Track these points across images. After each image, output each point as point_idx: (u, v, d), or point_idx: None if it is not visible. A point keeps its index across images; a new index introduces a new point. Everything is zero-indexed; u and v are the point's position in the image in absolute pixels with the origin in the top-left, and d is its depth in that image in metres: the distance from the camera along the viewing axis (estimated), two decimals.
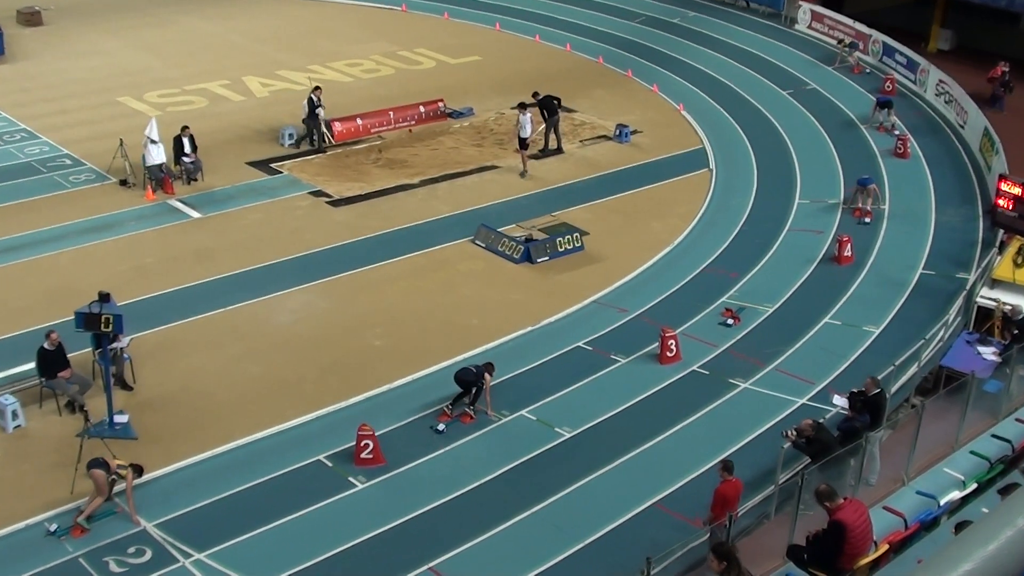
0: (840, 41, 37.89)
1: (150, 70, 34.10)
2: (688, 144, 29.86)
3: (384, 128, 29.62)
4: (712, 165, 28.25)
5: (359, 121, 28.75)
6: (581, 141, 29.65)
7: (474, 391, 17.34)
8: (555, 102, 28.50)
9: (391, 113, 29.90)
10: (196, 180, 25.82)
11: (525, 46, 38.26)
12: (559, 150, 28.51)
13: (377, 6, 42.34)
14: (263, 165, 27.16)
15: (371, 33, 39.06)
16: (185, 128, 26.11)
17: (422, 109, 30.46)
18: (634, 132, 30.17)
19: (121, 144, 25.60)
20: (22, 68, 34.16)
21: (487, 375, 17.36)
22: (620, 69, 35.72)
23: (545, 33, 39.09)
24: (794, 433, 15.15)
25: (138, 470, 15.08)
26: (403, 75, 34.73)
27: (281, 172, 26.84)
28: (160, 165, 25.18)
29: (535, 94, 28.74)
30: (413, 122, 30.19)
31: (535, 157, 28.08)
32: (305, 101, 28.40)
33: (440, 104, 30.96)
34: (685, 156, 29.04)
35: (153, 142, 24.97)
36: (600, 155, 28.84)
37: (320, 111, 27.90)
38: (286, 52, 36.38)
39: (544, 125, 28.52)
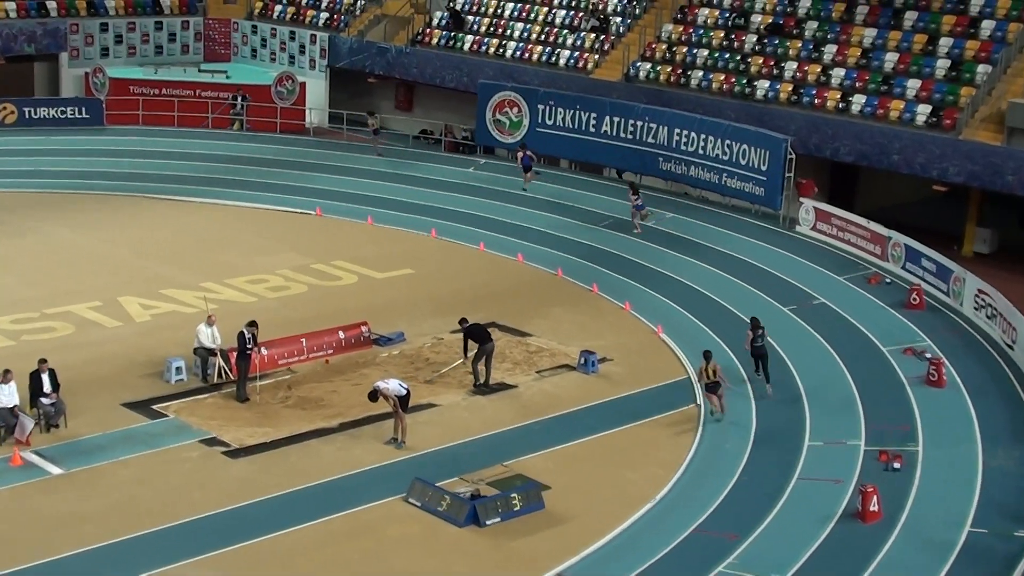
0: (632, 189, 41.61)
1: (0, 289, 34.69)
2: (669, 374, 30.60)
3: (295, 359, 30.15)
4: (699, 400, 28.90)
5: (263, 351, 29.28)
6: (538, 372, 30.35)
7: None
8: (487, 332, 29.32)
9: (303, 340, 30.48)
10: (57, 426, 26.03)
11: (467, 256, 39.40)
12: (487, 384, 29.16)
13: (285, 210, 43.58)
14: (143, 407, 27.48)
15: (278, 243, 40.11)
16: (43, 362, 26.51)
17: (342, 335, 31.10)
18: (603, 360, 30.95)
19: None
20: None
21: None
22: (584, 283, 36.84)
23: (492, 240, 40.39)
24: None
25: None
26: (318, 293, 35.53)
27: (165, 415, 27.15)
28: (12, 408, 25.42)
29: (462, 321, 29.55)
30: (331, 351, 30.74)
31: (482, 392, 28.69)
32: (205, 328, 28.96)
33: (364, 328, 31.64)
34: (666, 389, 29.73)
35: (2, 382, 25.33)
36: (562, 389, 29.48)
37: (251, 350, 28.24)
38: (173, 266, 37.19)
39: (472, 354, 29.16)
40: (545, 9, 52.30)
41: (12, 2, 55.38)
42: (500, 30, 52.73)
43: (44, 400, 26.07)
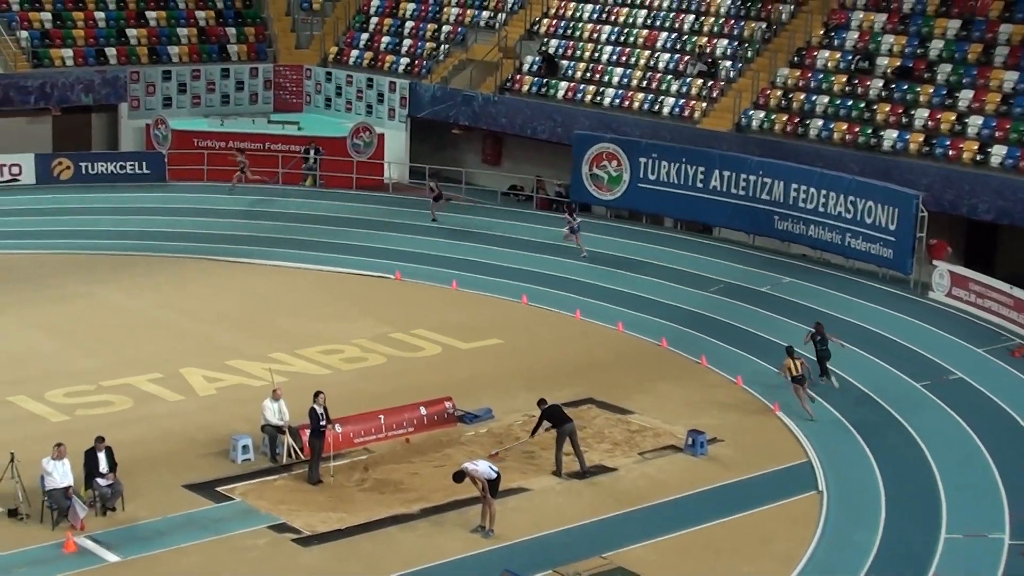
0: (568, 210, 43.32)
1: (52, 360, 35.28)
2: (787, 457, 30.45)
3: (372, 438, 30.38)
4: (822, 486, 28.71)
5: (338, 428, 29.52)
6: (640, 454, 30.33)
7: None
8: (567, 412, 29.32)
9: (381, 417, 30.72)
10: (113, 509, 26.39)
11: (562, 324, 39.57)
12: (582, 472, 29.12)
13: (362, 273, 44.05)
14: (206, 489, 27.78)
15: (354, 309, 40.52)
16: (100, 440, 26.89)
17: (423, 411, 31.32)
18: (712, 441, 30.87)
19: (12, 460, 26.29)
20: None
21: None
22: (691, 355, 36.83)
23: (589, 307, 40.53)
24: None
25: None
26: (398, 365, 35.82)
27: (231, 498, 27.44)
28: (66, 489, 25.85)
29: (541, 401, 29.62)
30: (411, 429, 30.96)
31: (577, 476, 28.73)
32: (271, 404, 29.36)
33: (448, 405, 31.85)
34: (783, 474, 29.59)
35: (55, 459, 25.79)
36: (666, 473, 29.41)
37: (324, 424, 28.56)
38: (239, 335, 37.71)
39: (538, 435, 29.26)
40: (647, 52, 52.63)
41: (69, 49, 56.78)
42: (597, 76, 53.15)
43: (100, 481, 26.44)
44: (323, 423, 28.51)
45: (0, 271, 43.08)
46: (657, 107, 50.77)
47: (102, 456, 26.64)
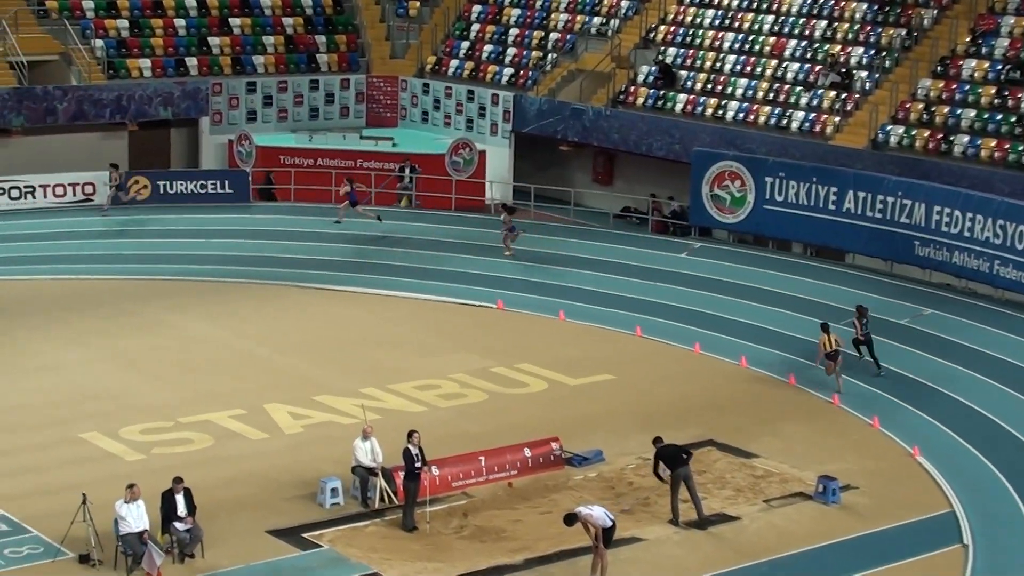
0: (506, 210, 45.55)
1: (129, 394, 35.78)
2: (928, 507, 30.15)
3: (472, 481, 30.44)
4: (967, 539, 28.40)
5: (434, 471, 29.66)
6: (766, 501, 30.17)
7: None
8: (683, 454, 29.20)
9: (482, 459, 30.79)
10: (192, 556, 26.65)
11: (679, 359, 39.54)
12: (701, 521, 29.04)
13: (461, 302, 44.31)
14: (292, 535, 27.97)
15: (453, 341, 40.73)
16: (178, 481, 27.14)
17: (528, 453, 31.35)
18: (845, 488, 30.63)
19: (84, 502, 26.57)
20: None
21: None
22: (822, 394, 36.62)
23: (709, 340, 40.48)
24: None
25: None
26: (500, 402, 35.95)
27: (319, 546, 27.60)
28: (141, 534, 26.18)
29: (656, 440, 29.57)
30: (514, 472, 31.00)
31: (696, 525, 28.65)
32: (361, 443, 29.58)
33: (554, 446, 31.85)
34: (923, 525, 29.27)
35: (129, 501, 26.15)
36: (795, 523, 29.23)
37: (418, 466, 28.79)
38: (328, 368, 38.04)
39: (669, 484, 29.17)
40: (774, 62, 52.52)
41: (147, 59, 57.67)
42: (719, 88, 53.12)
43: (178, 525, 26.71)
44: (418, 465, 28.60)
45: (73, 298, 43.85)
46: (785, 122, 50.61)
47: (180, 498, 26.90)
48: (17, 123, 53.63)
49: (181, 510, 26.81)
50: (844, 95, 50.04)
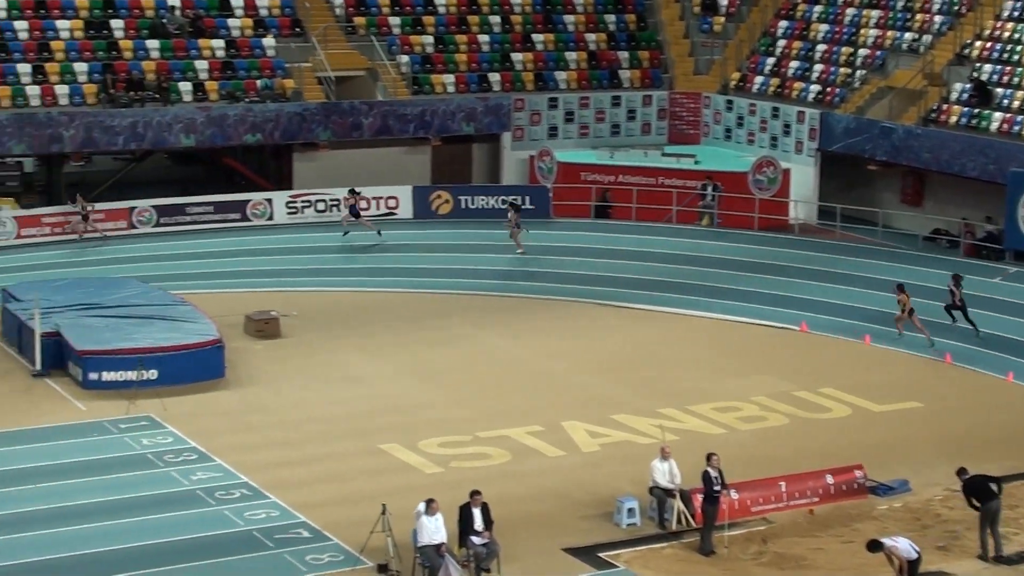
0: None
1: (427, 407, 36.51)
2: None
3: (772, 507, 30.19)
4: None
5: (733, 494, 29.44)
6: None
7: None
8: (992, 485, 28.31)
9: (782, 485, 30.52)
10: (488, 571, 26.94)
11: (991, 388, 38.61)
12: (999, 556, 28.15)
13: (762, 323, 44.04)
14: (588, 554, 28.06)
15: (753, 363, 40.46)
16: (476, 494, 27.52)
17: (830, 480, 30.94)
18: None
19: (383, 512, 27.19)
20: (248, 396, 37.33)
21: None
22: None
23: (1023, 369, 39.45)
24: None
25: None
26: (802, 427, 35.57)
27: (615, 566, 27.65)
28: (438, 546, 26.54)
29: (960, 471, 28.74)
30: (816, 499, 30.64)
31: (1007, 562, 27.79)
32: (659, 464, 29.51)
33: (858, 474, 31.38)
34: None
35: (427, 514, 26.55)
36: None
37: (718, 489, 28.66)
38: (626, 387, 38.14)
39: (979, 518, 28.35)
40: None
41: (451, 75, 58.64)
42: None
43: (475, 539, 27.03)
44: (717, 488, 28.47)
45: (375, 310, 45.00)
46: None
47: (477, 512, 27.24)
48: (324, 137, 55.13)
49: (478, 524, 27.15)
50: None
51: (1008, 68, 53.42)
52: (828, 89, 58.08)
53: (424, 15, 60.35)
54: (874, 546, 25.64)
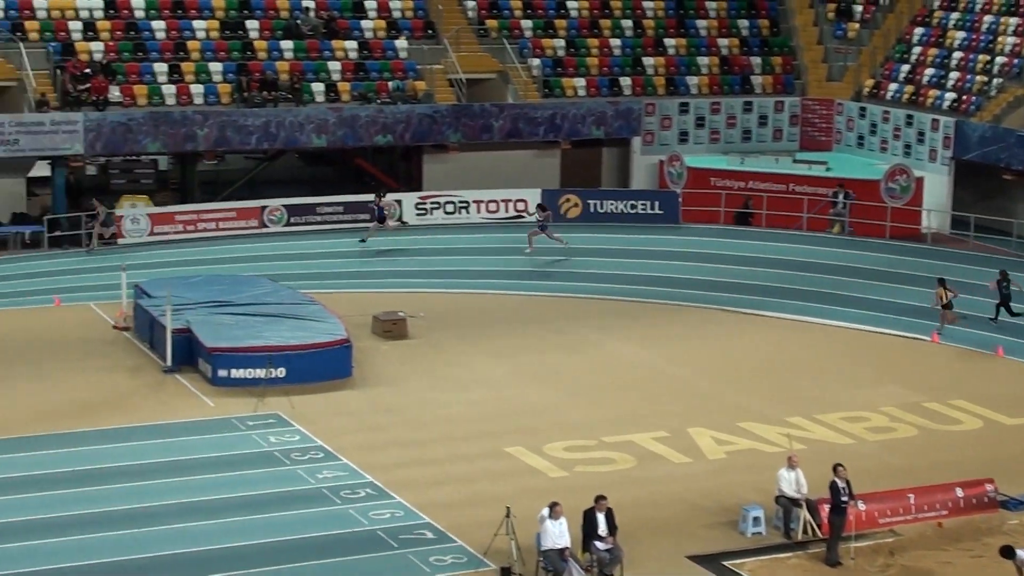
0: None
1: (553, 411, 36.58)
2: None
3: (900, 519, 29.86)
4: None
5: (860, 506, 29.18)
6: None
7: None
8: None
9: (911, 497, 30.18)
10: (611, 575, 27.10)
11: None
12: None
13: (892, 333, 43.67)
14: (712, 562, 27.98)
15: (882, 373, 40.13)
16: (601, 499, 27.50)
17: (959, 493, 30.56)
18: None
19: (508, 515, 27.25)
20: (375, 396, 37.63)
21: None
22: None
23: None
24: None
25: None
26: (931, 439, 35.23)
27: (739, 575, 27.56)
28: (562, 551, 26.59)
29: None
30: (945, 512, 30.27)
31: None
32: (786, 473, 29.33)
33: (988, 487, 30.96)
34: None
35: (551, 518, 26.61)
36: None
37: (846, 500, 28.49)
38: (753, 395, 37.98)
39: None
40: None
41: (582, 79, 58.72)
42: None
43: (599, 544, 27.00)
44: (844, 499, 28.26)
45: (502, 313, 45.29)
46: None
47: (601, 517, 27.22)
48: (455, 139, 55.45)
49: (602, 529, 27.13)
50: None
51: None
52: (964, 97, 57.35)
53: (556, 18, 60.58)
54: (1007, 552, 25.31)
